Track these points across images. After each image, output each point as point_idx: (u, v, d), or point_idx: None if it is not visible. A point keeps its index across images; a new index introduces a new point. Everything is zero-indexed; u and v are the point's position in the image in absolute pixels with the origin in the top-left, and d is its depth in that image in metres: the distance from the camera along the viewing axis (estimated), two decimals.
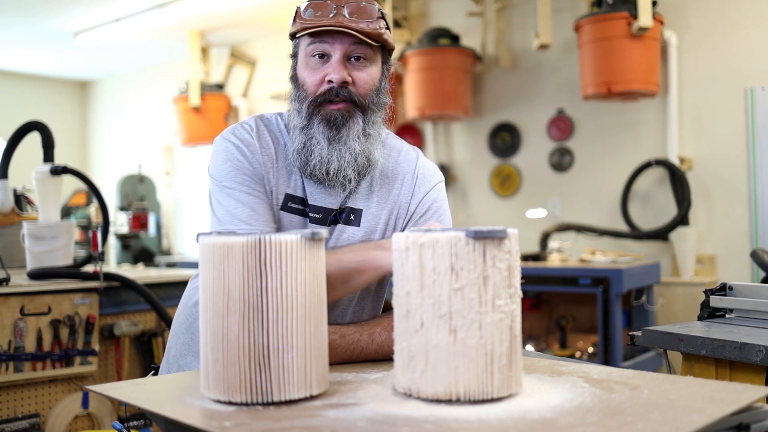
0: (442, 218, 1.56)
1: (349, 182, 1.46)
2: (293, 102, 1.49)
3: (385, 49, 1.50)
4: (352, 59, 1.44)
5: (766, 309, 1.71)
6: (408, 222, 1.54)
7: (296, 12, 1.46)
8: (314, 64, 1.44)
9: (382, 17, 1.46)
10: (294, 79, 1.50)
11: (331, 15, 1.40)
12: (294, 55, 1.51)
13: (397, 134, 1.68)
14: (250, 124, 1.51)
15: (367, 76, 1.45)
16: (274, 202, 1.46)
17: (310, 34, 1.43)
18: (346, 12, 1.40)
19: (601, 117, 4.63)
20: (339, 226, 1.49)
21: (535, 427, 0.88)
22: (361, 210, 1.51)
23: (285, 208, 1.47)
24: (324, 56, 1.43)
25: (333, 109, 1.43)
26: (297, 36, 1.47)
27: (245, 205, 1.41)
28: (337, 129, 1.43)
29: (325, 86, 1.43)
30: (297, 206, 1.47)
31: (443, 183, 1.62)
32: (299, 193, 1.48)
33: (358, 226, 1.50)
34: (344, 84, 1.42)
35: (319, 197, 1.48)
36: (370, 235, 1.50)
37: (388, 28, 1.48)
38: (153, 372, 1.66)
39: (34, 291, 2.68)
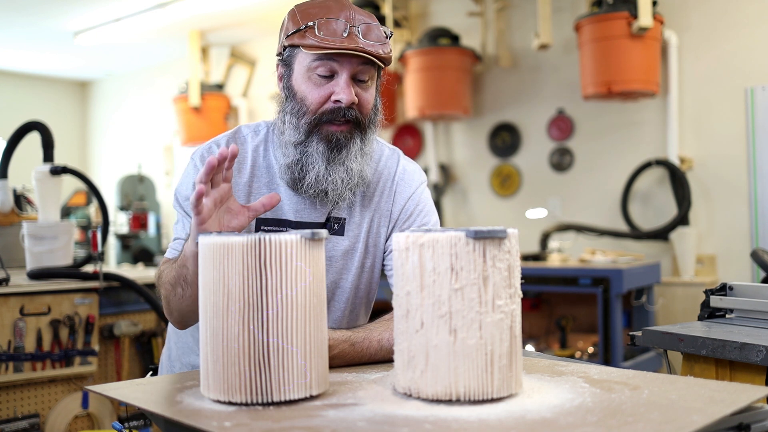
0: (427, 219, 1.55)
1: (343, 200, 1.44)
2: (286, 114, 1.43)
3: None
4: (355, 78, 1.40)
5: (766, 309, 1.71)
6: (392, 228, 1.53)
7: (306, 26, 1.36)
8: (317, 80, 1.38)
9: (388, 38, 1.42)
10: (289, 90, 1.43)
11: (345, 34, 1.34)
12: (287, 64, 1.43)
13: (397, 134, 1.66)
14: (219, 143, 1.51)
15: (370, 96, 1.43)
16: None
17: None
18: (359, 33, 1.35)
19: (601, 117, 4.63)
20: None
21: (535, 427, 0.88)
22: (345, 219, 1.49)
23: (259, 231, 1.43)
24: (328, 74, 1.38)
25: (335, 130, 1.39)
26: (303, 49, 1.38)
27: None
28: (338, 150, 1.40)
29: (331, 105, 1.38)
30: (271, 228, 1.45)
31: (425, 184, 1.60)
32: (278, 213, 1.45)
33: (343, 235, 1.49)
34: (352, 105, 1.38)
35: (305, 213, 1.46)
36: (354, 244, 1.50)
37: None
38: (151, 372, 1.65)
39: (34, 291, 2.68)
